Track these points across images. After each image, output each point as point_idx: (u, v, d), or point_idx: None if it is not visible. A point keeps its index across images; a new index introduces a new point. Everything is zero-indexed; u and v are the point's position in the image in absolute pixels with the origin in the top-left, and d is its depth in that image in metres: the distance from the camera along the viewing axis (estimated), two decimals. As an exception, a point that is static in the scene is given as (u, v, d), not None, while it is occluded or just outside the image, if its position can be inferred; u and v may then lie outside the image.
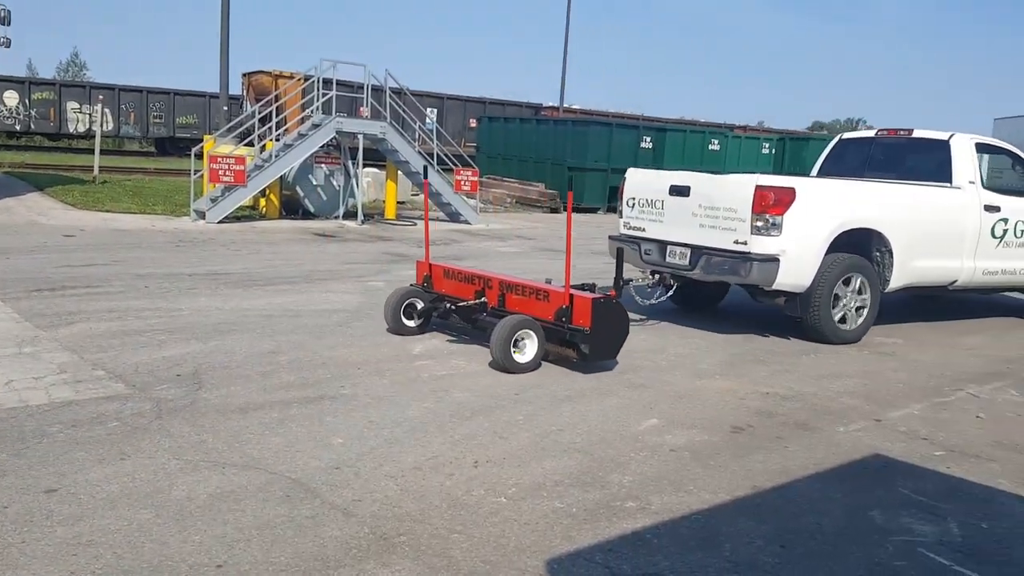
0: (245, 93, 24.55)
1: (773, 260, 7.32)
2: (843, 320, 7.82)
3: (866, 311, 7.94)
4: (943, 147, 8.80)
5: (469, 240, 15.26)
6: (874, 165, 9.49)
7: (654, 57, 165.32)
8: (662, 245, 8.15)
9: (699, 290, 8.70)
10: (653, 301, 8.30)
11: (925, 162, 9.05)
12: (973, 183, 8.65)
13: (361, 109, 18.39)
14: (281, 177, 16.54)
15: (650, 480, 4.13)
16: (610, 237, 8.92)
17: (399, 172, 18.39)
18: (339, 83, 16.87)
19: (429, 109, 29.54)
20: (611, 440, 4.68)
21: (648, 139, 24.43)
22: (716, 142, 26.47)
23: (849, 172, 9.51)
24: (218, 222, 15.05)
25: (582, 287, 6.56)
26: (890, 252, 8.01)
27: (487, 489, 3.91)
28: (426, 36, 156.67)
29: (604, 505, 3.80)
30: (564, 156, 23.73)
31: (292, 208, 17.40)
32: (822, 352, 7.33)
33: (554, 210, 22.97)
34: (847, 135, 10.31)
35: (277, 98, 17.57)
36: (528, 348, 6.10)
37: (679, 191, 7.98)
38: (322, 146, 16.69)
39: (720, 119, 40.32)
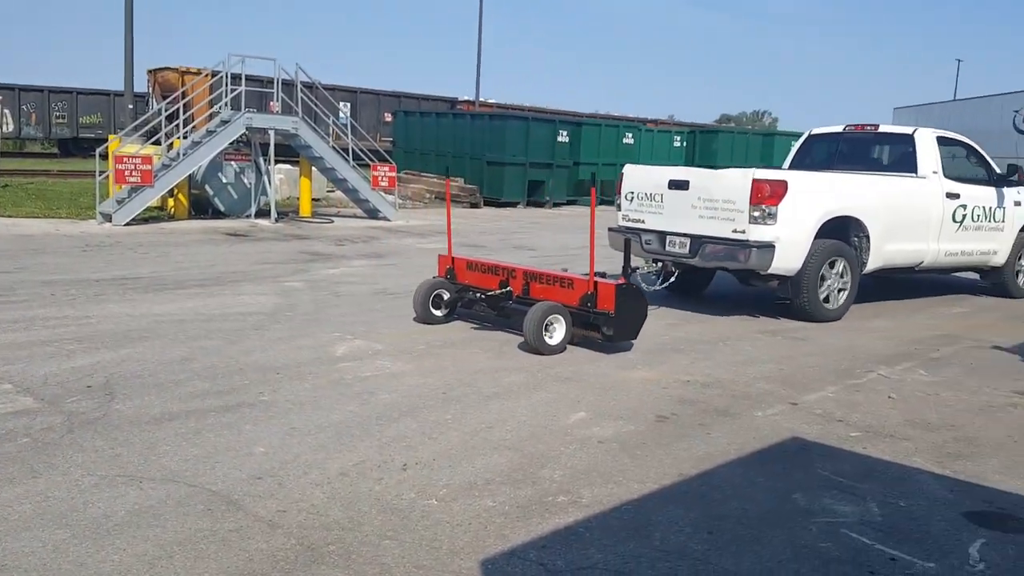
0: (151, 90, 23.78)
1: (769, 247, 7.94)
2: (827, 300, 8.48)
3: (847, 292, 8.65)
4: (908, 140, 9.67)
5: (389, 237, 15.09)
6: (842, 158, 10.30)
7: (567, 51, 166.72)
8: (662, 236, 8.72)
9: (689, 278, 9.15)
10: (657, 287, 8.63)
11: (890, 154, 10.07)
12: (936, 173, 9.44)
13: (272, 104, 17.98)
14: (190, 176, 16.04)
15: (580, 473, 4.15)
16: (610, 229, 9.40)
17: (313, 168, 18.05)
18: (248, 78, 16.47)
19: (342, 103, 29.07)
20: (541, 435, 4.69)
21: (565, 133, 24.59)
22: (630, 136, 26.85)
23: (818, 165, 10.24)
24: (125, 224, 14.50)
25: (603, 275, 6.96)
26: (867, 237, 8.73)
27: (417, 492, 3.86)
28: (338, 30, 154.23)
29: (536, 501, 3.79)
30: (483, 151, 23.69)
31: (202, 208, 16.89)
32: (738, 339, 7.51)
33: (474, 205, 22.91)
34: (816, 130, 10.93)
35: (184, 95, 17.02)
36: (557, 331, 6.63)
37: (678, 185, 8.55)
38: (232, 143, 16.26)
39: (633, 113, 40.89)
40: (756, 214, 7.92)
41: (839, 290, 8.57)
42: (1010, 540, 3.60)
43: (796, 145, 10.97)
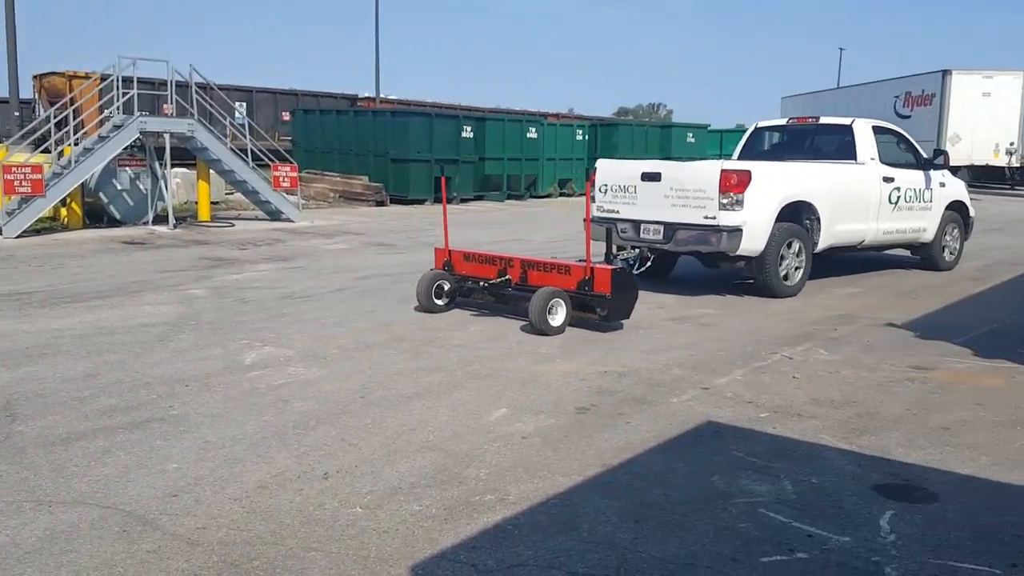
0: (37, 96, 22.64)
1: (738, 230, 8.72)
2: (786, 278, 9.31)
3: (802, 270, 9.46)
4: (847, 131, 10.55)
5: (294, 239, 14.77)
6: (787, 148, 11.26)
7: (466, 46, 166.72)
8: (636, 224, 9.39)
9: (659, 263, 9.77)
10: (636, 272, 8.92)
11: (831, 144, 10.87)
12: (873, 159, 10.37)
13: (165, 107, 17.35)
14: (83, 184, 15.35)
15: (506, 470, 4.16)
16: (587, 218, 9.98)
17: (211, 171, 17.51)
18: (140, 81, 15.86)
19: (238, 103, 28.26)
20: (463, 434, 4.68)
21: (469, 128, 24.54)
22: (534, 130, 27.01)
23: (765, 155, 11.20)
24: (16, 237, 13.81)
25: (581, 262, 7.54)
26: (818, 219, 9.57)
27: (341, 501, 3.79)
28: (230, 28, 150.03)
29: (463, 502, 3.78)
30: (386, 148, 23.45)
31: (97, 216, 16.19)
32: (649, 328, 7.65)
33: (380, 203, 22.66)
34: (762, 123, 11.80)
35: (73, 100, 16.25)
36: (559, 313, 7.25)
37: (651, 177, 9.25)
38: (125, 148, 15.67)
39: (534, 107, 41.20)
40: (725, 201, 8.66)
41: (796, 268, 9.37)
42: (917, 510, 3.79)
43: (744, 137, 11.77)
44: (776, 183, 9.15)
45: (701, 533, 3.52)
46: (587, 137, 30.11)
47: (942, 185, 11.30)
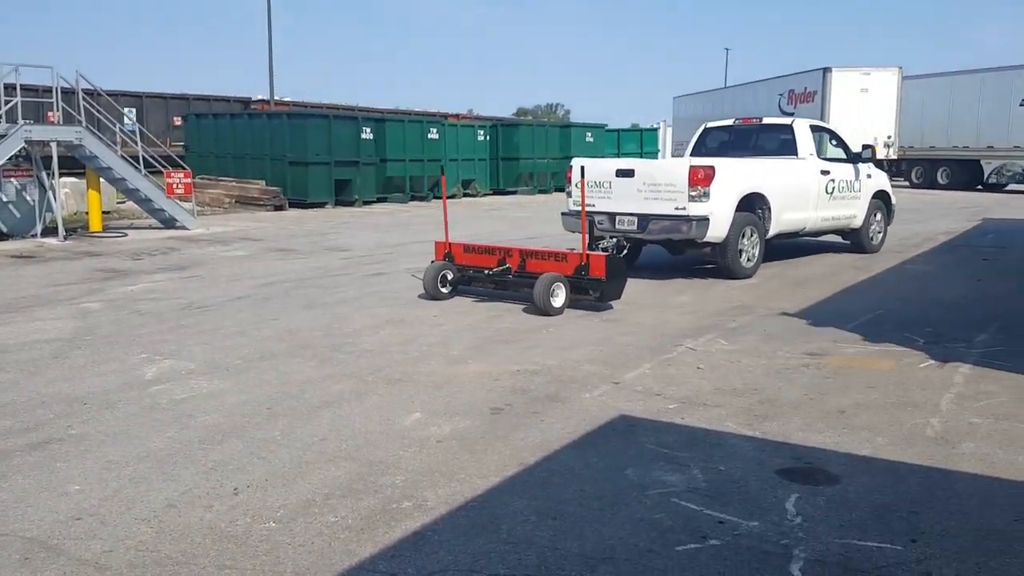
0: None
1: (705, 219, 9.77)
2: (746, 262, 10.38)
3: (757, 254, 10.57)
4: (788, 129, 11.86)
5: (190, 247, 14.30)
6: (734, 146, 12.29)
7: (362, 46, 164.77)
8: (612, 216, 10.34)
9: (629, 253, 10.51)
10: None
11: (774, 141, 11.97)
12: (812, 155, 11.66)
13: (50, 114, 16.56)
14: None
15: (422, 475, 4.14)
16: (563, 214, 11.24)
17: (101, 180, 16.78)
18: (24, 88, 15.18)
19: (127, 109, 27.16)
20: (377, 441, 4.63)
21: (368, 130, 24.27)
22: (435, 131, 26.93)
23: (714, 152, 12.18)
24: None
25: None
26: (769, 209, 10.70)
27: (253, 516, 3.70)
28: (116, 33, 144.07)
29: (380, 510, 3.74)
30: (283, 151, 22.99)
31: (-20, 231, 15.31)
32: (559, 325, 7.74)
33: (279, 208, 22.17)
34: (711, 124, 13.01)
35: (-49, 111, 15.35)
36: (560, 296, 8.17)
37: (625, 173, 10.27)
38: (10, 158, 14.89)
39: (434, 108, 41.04)
40: (693, 194, 9.72)
41: (752, 253, 10.48)
42: (819, 492, 3.96)
43: (694, 137, 12.90)
44: (735, 177, 10.22)
45: (618, 526, 3.58)
46: (488, 137, 30.23)
47: (868, 176, 12.55)
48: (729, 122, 12.79)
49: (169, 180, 17.18)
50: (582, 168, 9.22)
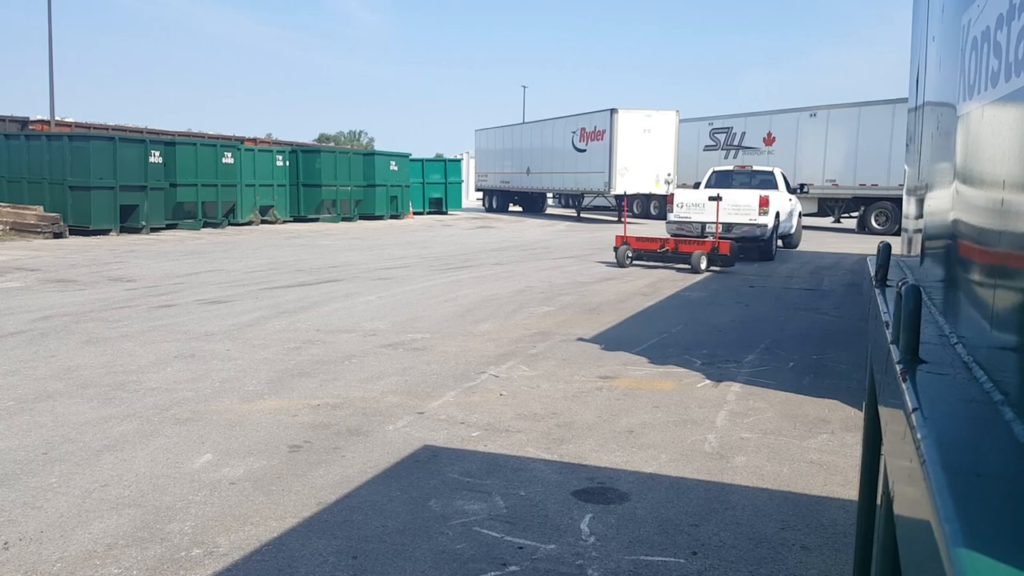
0: None
1: (765, 226, 17.30)
2: (773, 248, 17.98)
3: (777, 245, 18.57)
4: (771, 174, 19.73)
5: (-53, 278, 12.83)
6: (735, 183, 19.35)
7: (151, 68, 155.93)
8: (703, 224, 17.10)
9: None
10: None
11: (762, 181, 19.42)
12: (784, 188, 19.45)
13: None
14: None
15: (214, 520, 3.94)
16: (668, 221, 17.91)
17: None
18: None
19: None
20: (165, 485, 4.36)
21: (157, 153, 22.95)
22: (230, 155, 25.93)
23: (720, 186, 18.92)
24: None
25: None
26: (779, 219, 17.88)
27: (26, 571, 3.37)
28: None
29: (167, 559, 3.52)
30: (64, 175, 21.29)
31: None
32: (363, 356, 7.66)
33: (58, 235, 20.42)
34: (718, 168, 20.89)
35: None
36: (704, 263, 15.10)
37: (715, 198, 16.64)
38: None
39: (229, 131, 39.41)
40: (761, 211, 17.25)
41: (776, 244, 18.30)
42: (611, 511, 4.16)
43: (706, 176, 20.33)
44: (775, 202, 17.63)
45: (420, 560, 3.59)
46: (288, 163, 29.46)
47: (794, 200, 20.25)
48: (730, 167, 21.03)
49: (-79, 203, 15.39)
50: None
